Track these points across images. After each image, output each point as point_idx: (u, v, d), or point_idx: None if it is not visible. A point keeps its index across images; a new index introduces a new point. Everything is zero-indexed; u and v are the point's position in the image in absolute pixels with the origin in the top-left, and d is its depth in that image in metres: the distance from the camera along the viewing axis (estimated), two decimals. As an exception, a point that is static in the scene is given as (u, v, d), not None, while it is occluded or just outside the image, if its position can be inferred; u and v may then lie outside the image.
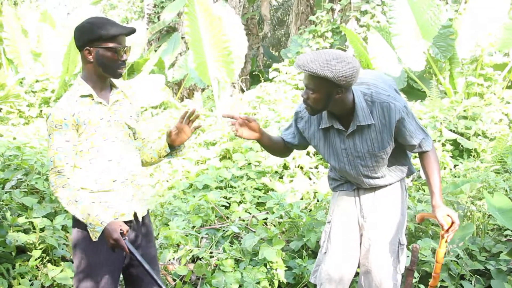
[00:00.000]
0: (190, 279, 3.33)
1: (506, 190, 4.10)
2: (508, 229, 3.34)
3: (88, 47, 2.12)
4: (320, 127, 2.39)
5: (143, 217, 2.31)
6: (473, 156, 5.49)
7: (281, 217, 3.94)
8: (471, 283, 3.01)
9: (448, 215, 2.25)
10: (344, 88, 2.15)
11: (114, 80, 2.29)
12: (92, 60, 2.13)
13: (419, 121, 2.38)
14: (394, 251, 2.49)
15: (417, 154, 2.47)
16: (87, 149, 2.15)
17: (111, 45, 2.11)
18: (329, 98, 2.17)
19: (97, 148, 2.15)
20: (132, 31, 2.18)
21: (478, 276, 3.05)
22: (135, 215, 2.25)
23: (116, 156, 2.19)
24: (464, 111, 6.16)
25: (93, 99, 2.17)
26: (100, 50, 2.11)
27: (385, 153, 2.37)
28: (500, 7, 7.75)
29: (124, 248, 2.04)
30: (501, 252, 3.18)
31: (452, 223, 2.25)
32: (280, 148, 2.58)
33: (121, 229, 2.03)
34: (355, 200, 2.56)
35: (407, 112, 2.29)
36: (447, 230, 2.27)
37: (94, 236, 2.10)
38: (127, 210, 2.21)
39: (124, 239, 2.04)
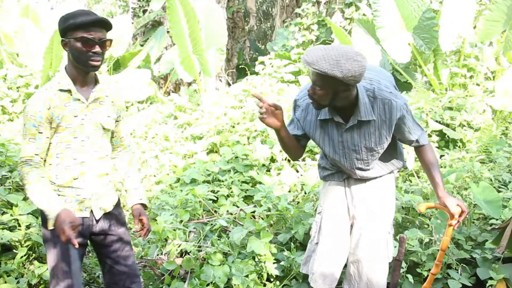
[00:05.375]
0: (178, 274, 3.32)
1: (491, 180, 4.14)
2: (493, 218, 3.38)
3: (63, 38, 2.10)
4: (318, 118, 2.38)
5: (110, 210, 2.31)
6: (459, 147, 5.54)
7: (268, 210, 3.94)
8: (458, 272, 3.04)
9: (457, 205, 2.34)
10: (351, 86, 2.14)
11: (99, 76, 2.24)
12: (68, 51, 2.11)
13: (415, 117, 2.40)
14: (384, 240, 2.51)
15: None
16: (55, 143, 2.13)
17: (79, 35, 2.06)
18: (336, 95, 2.15)
19: (65, 144, 2.14)
20: (101, 20, 2.09)
21: (464, 265, 3.09)
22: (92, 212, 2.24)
23: (82, 156, 2.18)
24: (449, 102, 6.21)
25: (71, 95, 2.14)
26: (72, 41, 2.08)
27: (381, 148, 2.39)
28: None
29: (71, 239, 1.96)
30: (487, 240, 3.22)
31: (462, 212, 2.34)
32: (294, 145, 2.48)
33: (71, 221, 1.97)
34: (345, 190, 2.58)
35: (407, 110, 2.32)
36: (458, 219, 2.35)
37: (51, 223, 2.03)
38: (83, 206, 2.21)
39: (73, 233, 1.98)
